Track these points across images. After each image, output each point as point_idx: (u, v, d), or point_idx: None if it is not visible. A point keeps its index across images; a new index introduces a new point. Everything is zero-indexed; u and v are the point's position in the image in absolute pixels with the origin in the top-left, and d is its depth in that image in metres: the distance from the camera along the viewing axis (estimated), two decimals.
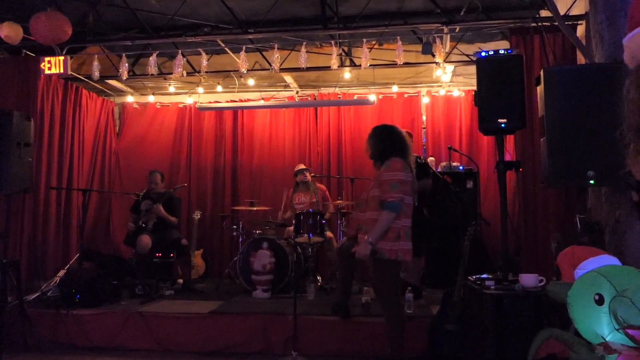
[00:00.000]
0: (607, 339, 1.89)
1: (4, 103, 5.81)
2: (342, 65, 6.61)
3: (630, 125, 1.22)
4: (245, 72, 6.14)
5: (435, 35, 5.65)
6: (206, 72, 6.27)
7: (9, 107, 5.46)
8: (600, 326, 1.91)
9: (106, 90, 7.84)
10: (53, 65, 5.87)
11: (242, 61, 5.95)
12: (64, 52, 6.01)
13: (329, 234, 6.17)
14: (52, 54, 5.92)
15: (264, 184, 7.67)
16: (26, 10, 5.31)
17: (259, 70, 6.81)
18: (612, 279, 1.96)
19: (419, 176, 5.42)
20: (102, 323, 4.74)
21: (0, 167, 4.42)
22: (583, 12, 4.95)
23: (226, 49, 6.31)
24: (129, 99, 8.03)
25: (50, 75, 6.10)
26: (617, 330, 1.83)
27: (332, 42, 5.93)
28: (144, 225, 5.98)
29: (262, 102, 7.73)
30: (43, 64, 5.88)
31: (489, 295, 3.29)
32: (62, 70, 5.89)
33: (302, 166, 6.65)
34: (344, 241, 4.52)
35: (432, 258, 5.66)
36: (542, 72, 3.65)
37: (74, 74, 6.64)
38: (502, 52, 3.66)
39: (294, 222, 5.88)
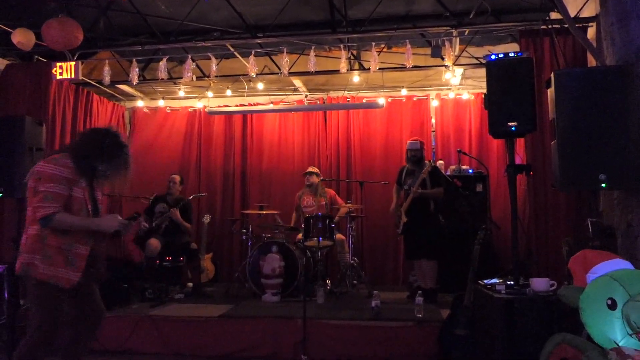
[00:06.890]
0: (619, 344, 1.86)
1: (16, 108, 5.87)
2: (351, 68, 6.60)
3: None
4: (254, 76, 6.15)
5: (445, 38, 5.64)
6: (216, 76, 6.31)
7: (21, 113, 5.52)
8: (613, 331, 1.89)
9: (117, 95, 7.90)
10: (64, 71, 5.92)
11: (251, 65, 5.97)
12: (75, 58, 6.07)
13: (340, 236, 6.17)
14: (64, 59, 5.98)
15: (273, 188, 7.67)
16: (38, 16, 5.37)
17: (268, 74, 6.82)
18: (625, 284, 1.94)
19: (432, 184, 5.43)
20: (113, 327, 4.75)
21: (12, 172, 4.46)
22: (594, 14, 4.92)
23: (235, 53, 6.34)
24: (139, 103, 8.09)
25: (61, 81, 6.14)
26: (630, 335, 1.81)
27: (341, 45, 5.94)
28: (155, 225, 6.00)
29: (271, 106, 7.74)
30: (55, 69, 5.93)
31: (500, 299, 3.27)
32: (73, 76, 5.94)
33: (310, 169, 6.65)
34: None
35: (442, 262, 5.64)
36: (552, 75, 3.62)
37: (85, 79, 6.71)
38: (512, 54, 3.64)
39: (303, 225, 5.88)
